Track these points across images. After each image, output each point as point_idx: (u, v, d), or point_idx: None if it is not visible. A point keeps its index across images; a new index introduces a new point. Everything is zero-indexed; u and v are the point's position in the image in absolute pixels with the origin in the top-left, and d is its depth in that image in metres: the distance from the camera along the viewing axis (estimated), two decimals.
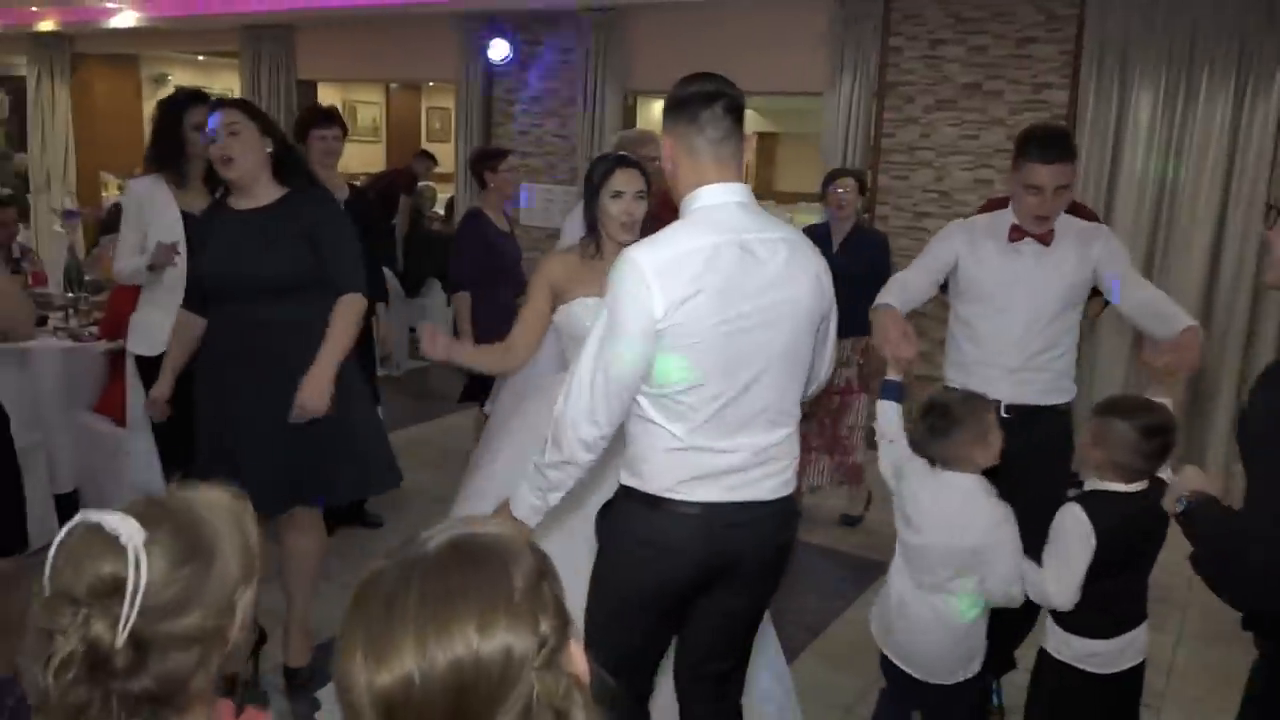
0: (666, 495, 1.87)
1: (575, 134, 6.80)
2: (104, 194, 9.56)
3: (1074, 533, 2.13)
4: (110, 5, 8.51)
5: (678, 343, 1.78)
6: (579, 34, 6.65)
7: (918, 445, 2.30)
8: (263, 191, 2.72)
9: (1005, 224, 2.72)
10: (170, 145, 3.25)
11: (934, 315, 5.68)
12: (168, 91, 12.56)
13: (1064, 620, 2.24)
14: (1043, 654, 2.31)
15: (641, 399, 1.86)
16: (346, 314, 2.70)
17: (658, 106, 14.71)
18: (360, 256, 2.82)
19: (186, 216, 3.26)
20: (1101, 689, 2.24)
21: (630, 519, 1.93)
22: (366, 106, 13.91)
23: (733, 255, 1.79)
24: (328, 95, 12.93)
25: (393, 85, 13.17)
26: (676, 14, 6.33)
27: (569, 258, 2.63)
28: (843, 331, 3.16)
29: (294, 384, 2.63)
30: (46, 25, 9.28)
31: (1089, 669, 2.23)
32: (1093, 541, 2.11)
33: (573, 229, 3.11)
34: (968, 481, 2.24)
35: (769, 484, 1.92)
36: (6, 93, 11.09)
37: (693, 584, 1.94)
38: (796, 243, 1.90)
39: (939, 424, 2.24)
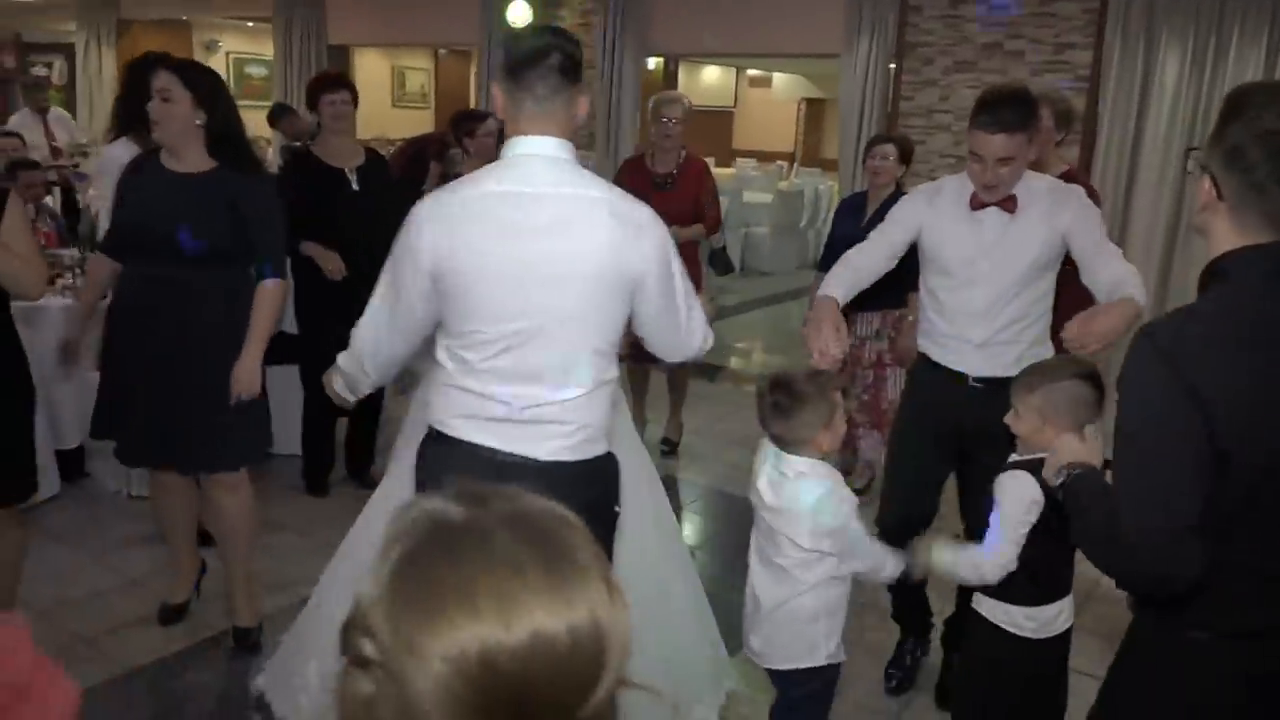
0: (441, 428, 1.92)
1: (594, 98, 6.74)
2: None
3: (1024, 500, 2.07)
4: None
5: (445, 286, 1.82)
6: None
7: (762, 422, 2.18)
8: (193, 159, 2.73)
9: (969, 190, 2.58)
10: (136, 107, 3.28)
11: None
12: (219, 59, 12.94)
13: (999, 590, 2.18)
14: (977, 620, 2.25)
15: (436, 335, 1.92)
16: (269, 303, 2.79)
17: (694, 70, 14.44)
18: (283, 240, 2.93)
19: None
20: (1037, 652, 2.19)
21: (422, 451, 1.99)
22: (415, 73, 14.00)
23: (510, 206, 1.78)
24: (375, 62, 13.09)
25: (441, 51, 13.20)
26: None
27: None
28: (873, 305, 3.10)
29: (199, 349, 2.74)
30: None
31: (1026, 634, 2.18)
32: (1040, 508, 2.05)
33: None
34: (806, 466, 2.14)
35: (548, 445, 1.87)
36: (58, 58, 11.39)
37: None
38: (598, 202, 1.82)
39: (783, 401, 2.12)
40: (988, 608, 2.21)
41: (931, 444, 2.74)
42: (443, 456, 1.94)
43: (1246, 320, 1.36)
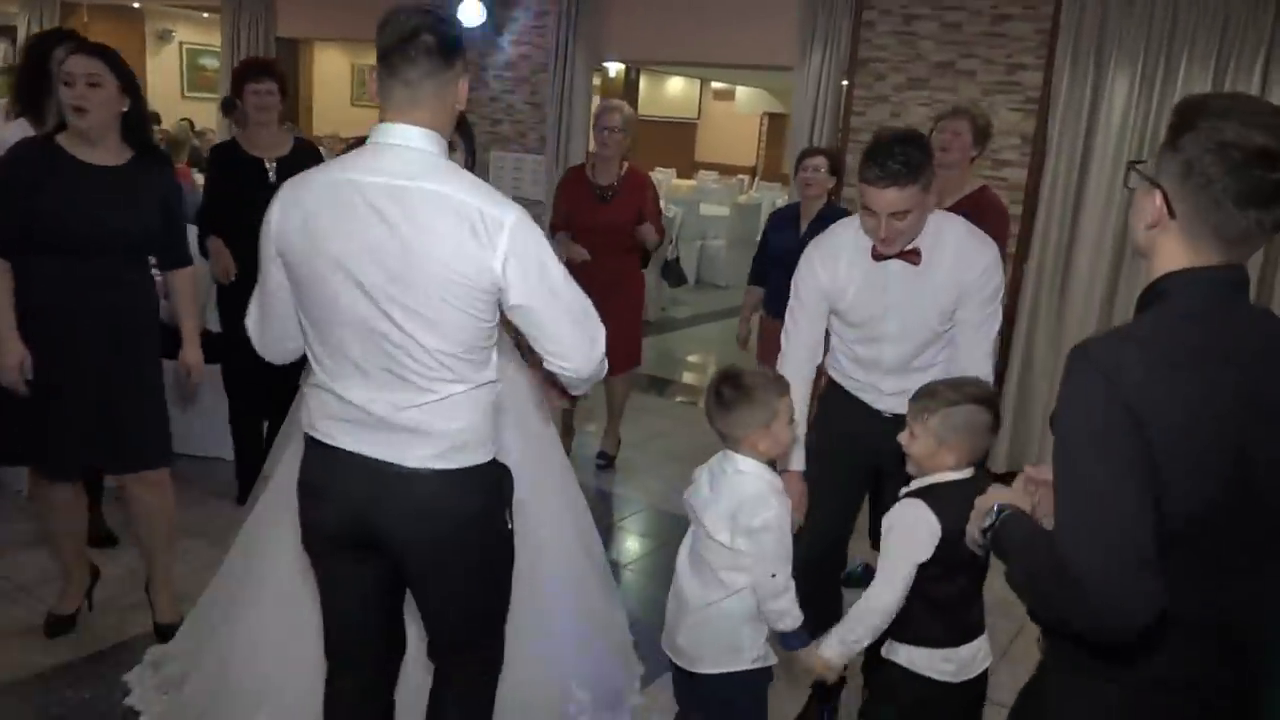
0: (313, 433, 1.83)
1: (546, 101, 6.62)
2: None
3: (917, 529, 1.97)
4: None
5: (294, 275, 1.75)
6: None
7: (708, 415, 2.13)
8: (111, 148, 2.66)
9: (868, 241, 2.44)
10: (36, 85, 3.11)
11: None
12: (172, 49, 12.65)
13: (912, 634, 2.07)
14: (890, 667, 2.13)
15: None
16: (192, 285, 2.96)
17: (658, 80, 14.40)
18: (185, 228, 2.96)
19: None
20: (957, 695, 2.09)
21: (305, 455, 1.89)
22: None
23: (360, 195, 1.67)
24: (335, 59, 12.86)
25: None
26: None
27: None
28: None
29: (132, 342, 2.73)
30: None
31: (944, 679, 2.07)
32: (938, 538, 1.95)
33: None
34: (748, 465, 2.09)
35: (415, 452, 1.75)
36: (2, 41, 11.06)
37: (342, 534, 1.84)
38: (458, 200, 1.67)
39: (726, 394, 2.07)
40: (903, 655, 2.09)
41: (847, 470, 2.66)
42: (318, 463, 1.83)
43: (1184, 345, 1.25)
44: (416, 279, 1.66)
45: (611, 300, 3.19)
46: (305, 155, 3.75)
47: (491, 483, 1.85)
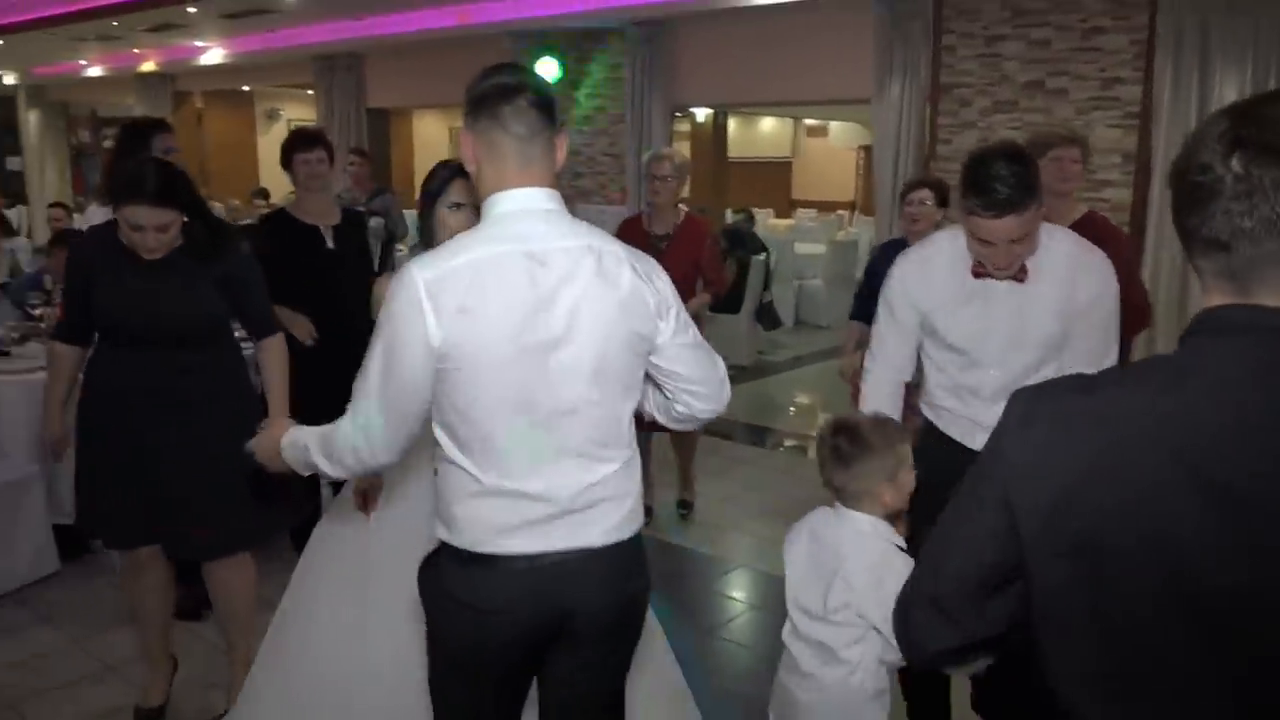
0: (480, 549, 1.66)
1: (625, 151, 6.61)
2: None
3: None
4: (199, 44, 8.87)
5: (463, 366, 1.56)
6: (627, 50, 6.47)
7: (821, 469, 1.98)
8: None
9: (964, 255, 2.23)
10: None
11: None
12: (280, 126, 13.29)
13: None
14: None
15: (440, 433, 1.66)
16: (281, 358, 2.83)
17: (749, 121, 14.36)
18: (268, 298, 2.87)
19: None
20: None
21: (446, 577, 1.71)
22: None
23: (520, 267, 1.56)
24: (432, 125, 13.28)
25: None
26: (720, 25, 6.08)
27: None
28: None
29: (201, 425, 2.67)
30: (148, 66, 9.78)
31: None
32: None
33: None
34: (868, 525, 1.93)
35: (597, 529, 1.67)
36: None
37: (521, 648, 1.71)
38: (606, 253, 1.62)
39: (844, 447, 1.92)
40: None
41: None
42: (482, 581, 1.67)
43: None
44: (604, 342, 1.62)
45: None
46: (358, 223, 3.78)
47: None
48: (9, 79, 11.92)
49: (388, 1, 6.71)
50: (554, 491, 1.63)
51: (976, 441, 2.33)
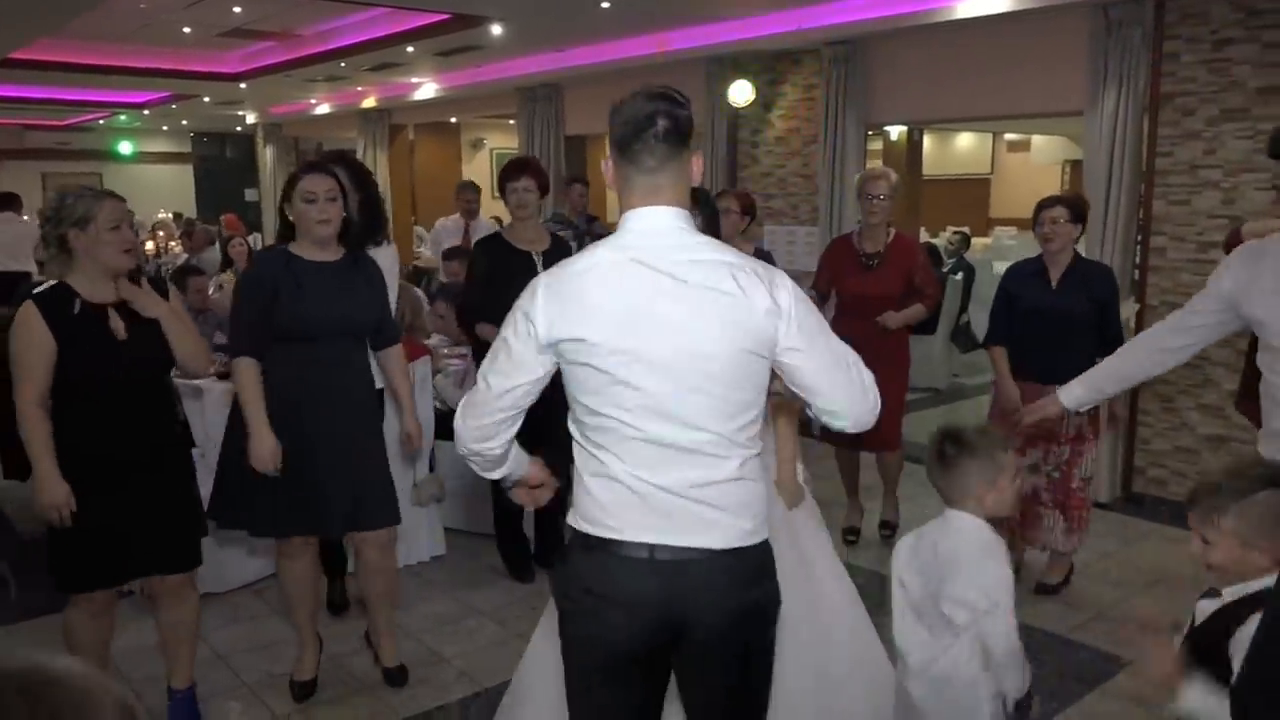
0: (601, 534, 1.72)
1: (817, 172, 6.56)
2: (412, 247, 10.61)
3: None
4: (414, 80, 9.49)
5: (582, 360, 1.68)
6: (820, 70, 6.44)
7: (929, 473, 2.12)
8: (333, 248, 3.04)
9: None
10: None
11: (1223, 362, 4.81)
12: (484, 155, 13.99)
13: None
14: None
15: (571, 423, 1.78)
16: (404, 360, 3.27)
17: (944, 138, 13.88)
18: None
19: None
20: None
21: (574, 564, 1.78)
22: None
23: (636, 272, 1.67)
24: None
25: None
26: (916, 41, 5.95)
27: None
28: (1063, 376, 2.76)
29: (362, 415, 3.11)
30: (369, 102, 10.53)
31: None
32: None
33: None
34: (964, 522, 2.02)
35: (717, 532, 1.69)
36: None
37: (643, 644, 1.73)
38: (722, 264, 1.68)
39: (948, 451, 2.05)
40: None
41: None
42: (604, 568, 1.73)
43: None
44: (720, 346, 1.67)
45: (876, 372, 3.03)
46: (563, 248, 3.95)
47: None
48: (250, 118, 13.15)
49: (590, 32, 6.94)
50: (673, 484, 1.68)
51: None
